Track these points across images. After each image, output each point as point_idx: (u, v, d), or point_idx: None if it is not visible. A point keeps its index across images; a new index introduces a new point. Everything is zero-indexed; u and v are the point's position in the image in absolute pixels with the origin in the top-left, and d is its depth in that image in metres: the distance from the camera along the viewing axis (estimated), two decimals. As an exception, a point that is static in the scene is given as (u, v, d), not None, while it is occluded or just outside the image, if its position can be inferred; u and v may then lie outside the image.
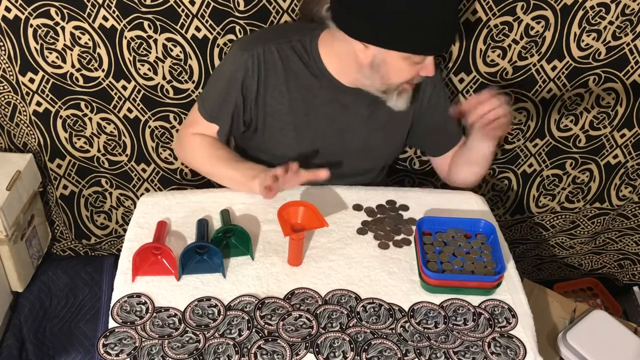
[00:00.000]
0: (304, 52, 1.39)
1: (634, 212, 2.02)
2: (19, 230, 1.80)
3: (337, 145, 1.47)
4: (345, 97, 1.42)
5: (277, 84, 1.39)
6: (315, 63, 1.40)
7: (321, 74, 1.40)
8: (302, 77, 1.40)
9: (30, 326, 1.86)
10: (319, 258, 1.31)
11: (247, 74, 1.38)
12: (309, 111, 1.42)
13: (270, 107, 1.41)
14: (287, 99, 1.40)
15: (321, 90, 1.41)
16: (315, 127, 1.44)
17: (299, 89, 1.40)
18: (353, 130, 1.46)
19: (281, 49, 1.38)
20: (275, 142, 1.46)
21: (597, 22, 1.57)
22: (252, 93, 1.40)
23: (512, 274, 1.31)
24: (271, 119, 1.43)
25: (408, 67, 1.31)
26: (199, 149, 1.48)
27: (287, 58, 1.39)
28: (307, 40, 1.40)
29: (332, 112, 1.43)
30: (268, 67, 1.38)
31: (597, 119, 1.78)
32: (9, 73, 1.62)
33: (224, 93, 1.41)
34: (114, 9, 1.51)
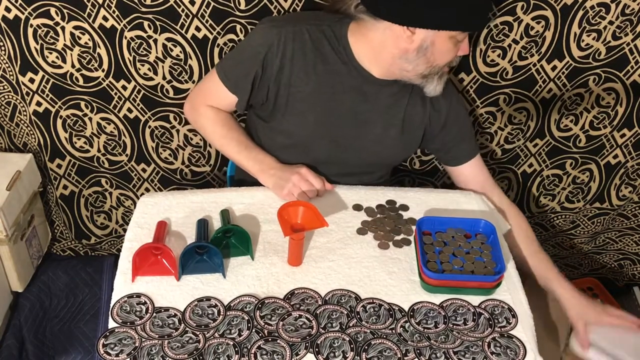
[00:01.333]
0: (334, 37, 1.40)
1: (634, 212, 2.02)
2: (19, 230, 1.80)
3: (353, 136, 1.47)
4: (369, 88, 1.42)
5: (304, 65, 1.39)
6: (345, 50, 1.40)
7: (349, 62, 1.40)
8: (330, 61, 1.40)
9: (30, 326, 1.86)
10: (319, 258, 1.31)
11: (270, 50, 1.37)
12: (332, 97, 1.42)
13: (295, 87, 1.40)
14: (313, 81, 1.40)
15: (347, 77, 1.41)
16: (336, 114, 1.44)
17: (326, 73, 1.40)
18: (371, 122, 1.46)
19: (312, 31, 1.39)
20: (293, 124, 1.45)
21: (597, 22, 1.57)
22: (273, 69, 1.39)
23: (512, 274, 1.31)
24: (293, 100, 1.42)
25: (453, 47, 1.34)
26: (213, 125, 1.49)
27: (318, 41, 1.39)
28: (338, 27, 1.40)
29: (354, 101, 1.43)
30: (297, 47, 1.37)
31: (597, 119, 1.78)
32: (9, 73, 1.62)
33: (247, 66, 1.40)
34: (114, 9, 1.51)
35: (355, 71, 1.41)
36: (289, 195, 1.40)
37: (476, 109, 1.75)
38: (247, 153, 1.47)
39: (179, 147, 1.81)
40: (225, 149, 1.50)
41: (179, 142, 1.79)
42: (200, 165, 1.86)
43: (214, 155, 1.84)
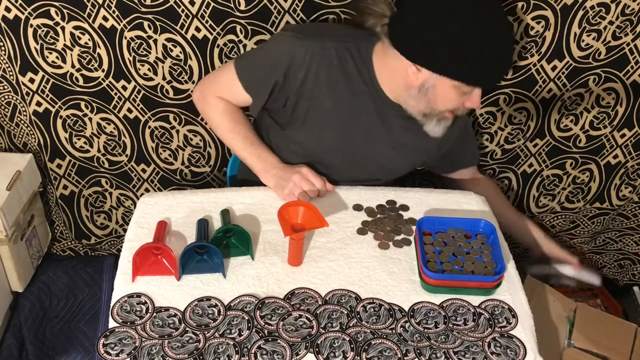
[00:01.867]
0: (358, 56, 1.39)
1: (634, 212, 2.02)
2: (19, 230, 1.80)
3: (363, 154, 1.48)
4: (385, 109, 1.42)
5: (328, 81, 1.38)
6: (368, 70, 1.39)
7: (370, 83, 1.40)
8: (353, 80, 1.40)
9: (30, 326, 1.86)
10: (319, 258, 1.31)
11: (294, 62, 1.36)
12: (351, 115, 1.42)
13: (316, 101, 1.40)
14: (335, 98, 1.40)
15: (367, 97, 1.41)
16: (351, 132, 1.44)
17: (348, 91, 1.40)
18: (383, 142, 1.47)
19: (338, 47, 1.38)
20: (309, 137, 1.45)
21: (597, 22, 1.57)
22: (295, 81, 1.38)
23: (512, 274, 1.31)
24: (313, 113, 1.42)
25: (456, 96, 1.32)
26: (221, 117, 1.49)
27: (343, 58, 1.38)
28: (364, 47, 1.39)
29: (370, 122, 1.44)
30: (323, 63, 1.37)
31: (597, 119, 1.78)
32: (9, 73, 1.62)
33: (267, 72, 1.40)
34: (114, 9, 1.51)
35: (375, 93, 1.41)
36: (289, 195, 1.40)
37: (476, 109, 1.75)
38: (252, 150, 1.47)
39: (178, 148, 1.81)
40: (231, 142, 1.50)
41: (179, 143, 1.79)
42: (200, 165, 1.86)
43: (214, 155, 1.84)
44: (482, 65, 1.27)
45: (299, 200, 1.37)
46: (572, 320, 1.69)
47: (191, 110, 1.72)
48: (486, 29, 1.25)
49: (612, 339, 1.67)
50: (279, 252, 1.31)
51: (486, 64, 1.28)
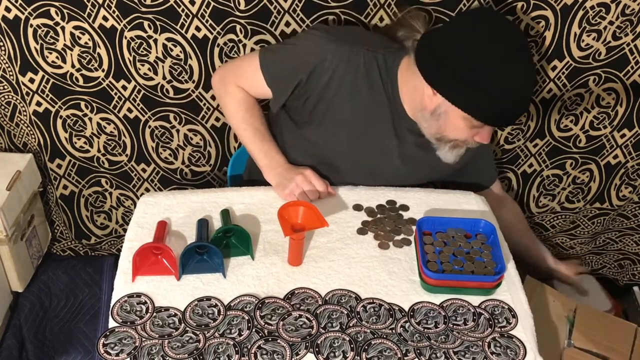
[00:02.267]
0: (384, 67, 1.39)
1: (634, 212, 2.02)
2: (19, 230, 1.80)
3: (372, 163, 1.48)
4: (401, 123, 1.42)
5: (351, 87, 1.38)
6: (391, 82, 1.39)
7: (392, 96, 1.40)
8: (375, 89, 1.39)
9: (30, 326, 1.86)
10: (319, 258, 1.31)
11: (321, 63, 1.36)
12: (367, 123, 1.42)
13: (335, 105, 1.40)
14: (355, 104, 1.40)
15: (386, 109, 1.41)
16: (365, 140, 1.44)
17: (368, 99, 1.40)
18: (391, 157, 1.46)
19: (367, 55, 1.37)
20: (323, 139, 1.45)
21: (597, 22, 1.57)
22: (319, 82, 1.37)
23: (512, 274, 1.31)
24: (331, 116, 1.41)
25: (466, 127, 1.32)
26: (237, 106, 1.48)
27: (370, 67, 1.38)
28: (391, 59, 1.39)
29: (384, 132, 1.43)
30: (349, 69, 1.36)
31: (597, 119, 1.78)
32: (9, 73, 1.62)
33: (293, 69, 1.39)
34: (114, 9, 1.51)
35: (394, 106, 1.41)
36: (290, 195, 1.40)
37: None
38: (260, 145, 1.47)
39: (179, 147, 1.81)
40: (242, 133, 1.50)
41: (179, 142, 1.79)
42: (200, 165, 1.86)
43: (214, 155, 1.84)
44: (494, 104, 1.27)
45: (299, 200, 1.37)
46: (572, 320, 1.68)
47: (191, 109, 1.72)
48: (506, 70, 1.24)
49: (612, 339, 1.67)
50: (279, 252, 1.31)
51: (498, 104, 1.26)
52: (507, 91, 1.25)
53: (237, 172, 1.74)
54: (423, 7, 1.54)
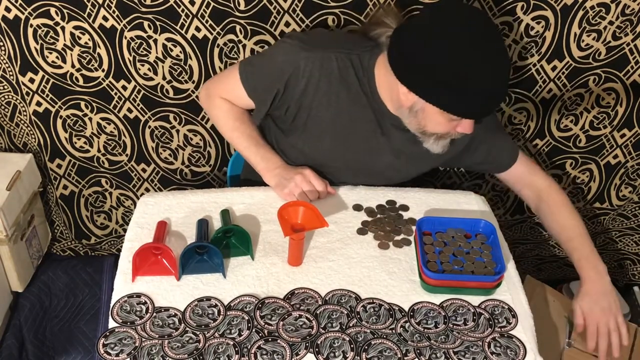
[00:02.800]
0: (360, 68, 1.38)
1: (634, 212, 2.02)
2: (19, 230, 1.80)
3: (365, 162, 1.47)
4: (385, 120, 1.41)
5: (327, 92, 1.38)
6: (368, 81, 1.38)
7: (371, 94, 1.39)
8: (353, 90, 1.39)
9: (30, 326, 1.86)
10: (319, 258, 1.31)
11: (295, 72, 1.36)
12: (350, 124, 1.42)
13: (315, 111, 1.40)
14: (334, 108, 1.39)
15: (366, 108, 1.40)
16: (351, 141, 1.44)
17: (347, 102, 1.39)
18: (383, 154, 1.46)
19: (340, 58, 1.37)
20: (308, 145, 1.45)
21: (597, 22, 1.57)
22: (295, 91, 1.38)
23: (512, 274, 1.31)
24: (312, 123, 1.41)
25: (445, 121, 1.29)
26: (226, 116, 1.49)
27: (345, 69, 1.37)
28: (366, 57, 1.38)
29: (369, 131, 1.43)
30: (323, 75, 1.36)
31: (597, 119, 1.78)
32: (9, 73, 1.62)
33: (270, 80, 1.39)
34: (114, 9, 1.51)
35: (375, 104, 1.40)
36: (289, 195, 1.40)
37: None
38: (255, 149, 1.47)
39: (179, 147, 1.81)
40: (235, 141, 1.50)
41: (179, 142, 1.79)
42: (200, 165, 1.86)
43: (214, 155, 1.84)
44: (468, 98, 1.23)
45: (299, 200, 1.37)
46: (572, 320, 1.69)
47: (191, 109, 1.72)
48: (475, 62, 1.20)
49: None
50: (279, 252, 1.31)
51: (472, 97, 1.23)
52: (479, 83, 1.22)
53: (236, 173, 1.74)
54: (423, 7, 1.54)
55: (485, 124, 1.42)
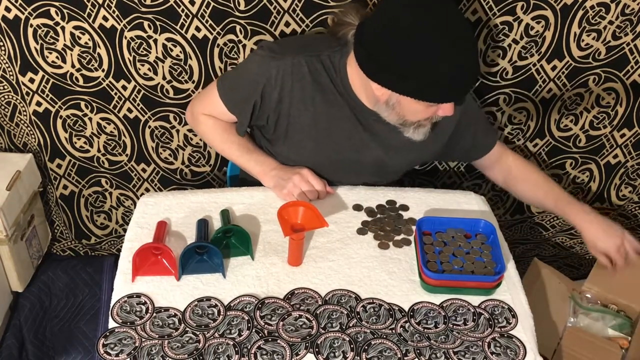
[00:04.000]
0: (332, 68, 1.38)
1: (634, 212, 2.02)
2: (19, 230, 1.80)
3: (354, 161, 1.47)
4: (365, 116, 1.41)
5: (302, 97, 1.38)
6: (341, 80, 1.38)
7: (345, 92, 1.39)
8: (327, 91, 1.39)
9: (30, 326, 1.86)
10: (319, 258, 1.31)
11: (268, 82, 1.36)
12: (330, 125, 1.42)
13: (294, 117, 1.40)
14: (312, 112, 1.40)
15: (344, 107, 1.40)
16: (334, 142, 1.44)
17: (323, 103, 1.39)
18: (370, 149, 1.46)
19: (310, 62, 1.37)
20: (293, 152, 1.46)
21: (597, 22, 1.57)
22: (272, 101, 1.38)
23: (512, 274, 1.31)
24: (292, 130, 1.42)
25: (424, 108, 1.29)
26: (213, 131, 1.50)
27: (316, 72, 1.37)
28: (337, 57, 1.38)
29: (351, 129, 1.43)
30: (295, 80, 1.36)
31: (597, 119, 1.78)
32: (9, 73, 1.62)
33: (246, 92, 1.40)
34: (114, 9, 1.51)
35: (351, 101, 1.40)
36: (288, 195, 1.40)
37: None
38: (248, 156, 1.48)
39: (179, 147, 1.81)
40: (227, 153, 1.52)
41: (179, 142, 1.79)
42: (200, 165, 1.86)
43: (214, 155, 1.84)
44: (440, 85, 1.23)
45: (298, 200, 1.37)
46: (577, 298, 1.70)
47: (191, 110, 1.72)
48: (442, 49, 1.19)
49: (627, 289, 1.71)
50: (279, 252, 1.31)
51: (444, 83, 1.22)
52: (447, 67, 1.20)
53: (236, 173, 1.74)
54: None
55: (466, 109, 1.44)
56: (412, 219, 1.42)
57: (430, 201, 1.48)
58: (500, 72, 1.67)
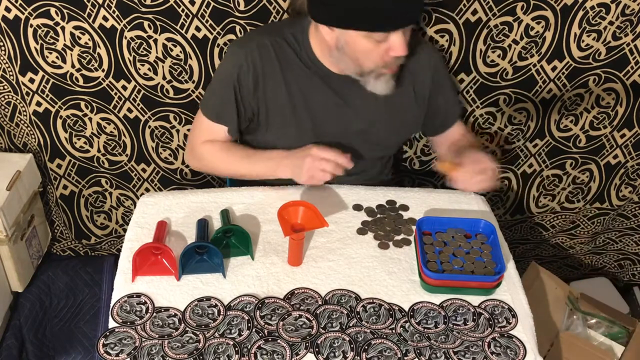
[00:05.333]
0: (295, 43, 1.41)
1: (634, 212, 2.02)
2: (19, 230, 1.80)
3: (336, 133, 1.47)
4: (338, 84, 1.42)
5: (274, 77, 1.41)
6: (307, 53, 1.41)
7: (312, 63, 1.42)
8: (295, 67, 1.42)
9: (30, 326, 1.86)
10: (319, 258, 1.31)
11: (241, 70, 1.39)
12: (306, 100, 1.43)
13: (271, 100, 1.42)
14: (285, 90, 1.42)
15: (314, 78, 1.42)
16: (314, 116, 1.44)
17: (294, 79, 1.42)
18: (353, 118, 1.46)
19: (275, 42, 1.40)
20: (278, 136, 1.46)
21: (597, 22, 1.57)
22: (249, 88, 1.41)
23: (512, 274, 1.31)
24: (272, 113, 1.43)
25: (372, 46, 1.28)
26: (212, 156, 1.48)
27: (281, 50, 1.41)
28: (299, 32, 1.42)
29: (327, 100, 1.44)
30: (265, 62, 1.39)
31: (597, 119, 1.78)
32: (9, 73, 1.62)
33: (225, 93, 1.42)
34: (114, 9, 1.51)
35: (320, 71, 1.42)
36: (310, 180, 1.34)
37: (476, 109, 1.75)
38: (254, 162, 1.44)
39: (179, 147, 1.81)
40: (236, 171, 1.48)
41: (179, 142, 1.79)
42: (200, 165, 1.86)
43: (214, 155, 1.84)
44: (378, 8, 1.22)
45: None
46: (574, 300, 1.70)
47: (191, 109, 1.72)
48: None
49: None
50: (279, 252, 1.31)
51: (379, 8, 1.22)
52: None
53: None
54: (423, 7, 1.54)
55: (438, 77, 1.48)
56: (412, 219, 1.42)
57: (430, 201, 1.48)
58: (500, 73, 1.67)
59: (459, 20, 1.57)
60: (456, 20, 1.57)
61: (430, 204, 1.47)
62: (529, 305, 1.25)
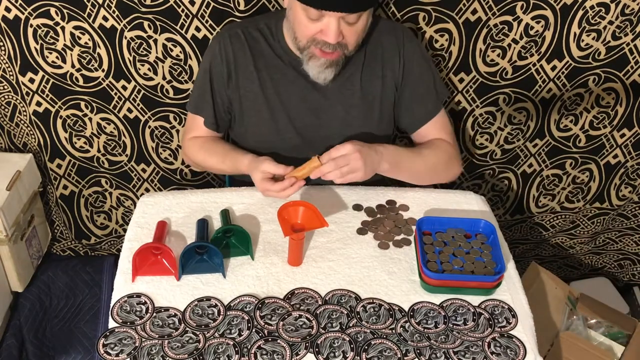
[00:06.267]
0: (269, 33, 1.44)
1: (634, 212, 2.02)
2: (19, 230, 1.80)
3: (316, 125, 1.47)
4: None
5: (245, 65, 1.43)
6: (279, 42, 1.43)
7: (285, 53, 1.43)
8: (267, 57, 1.43)
9: (30, 326, 1.86)
10: (319, 258, 1.31)
11: (214, 59, 1.43)
12: (279, 90, 1.44)
13: (244, 89, 1.44)
14: (257, 80, 1.43)
15: (287, 68, 1.43)
16: (288, 107, 1.45)
17: (267, 69, 1.43)
18: (329, 109, 1.46)
19: (247, 32, 1.43)
20: (254, 127, 1.47)
21: (597, 22, 1.57)
22: (223, 78, 1.44)
23: (512, 274, 1.31)
24: (247, 102, 1.45)
25: (306, 22, 1.29)
26: (195, 151, 1.52)
27: (253, 40, 1.43)
28: (273, 22, 1.44)
29: (302, 91, 1.44)
30: (236, 49, 1.42)
31: (597, 119, 1.78)
32: (9, 73, 1.62)
33: (202, 84, 1.46)
34: (114, 9, 1.51)
35: (293, 61, 1.42)
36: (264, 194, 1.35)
37: (476, 109, 1.75)
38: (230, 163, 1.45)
39: (178, 147, 1.81)
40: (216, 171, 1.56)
41: (179, 142, 1.79)
42: (200, 165, 1.86)
43: (214, 155, 1.84)
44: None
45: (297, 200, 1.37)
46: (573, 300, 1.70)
47: (191, 110, 1.72)
48: None
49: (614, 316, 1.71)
50: (279, 252, 1.31)
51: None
52: None
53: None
54: (423, 7, 1.55)
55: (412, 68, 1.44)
56: (412, 219, 1.42)
57: (430, 201, 1.48)
58: (500, 72, 1.67)
59: (458, 19, 1.57)
60: (456, 20, 1.57)
61: (430, 204, 1.47)
62: (529, 305, 1.25)
